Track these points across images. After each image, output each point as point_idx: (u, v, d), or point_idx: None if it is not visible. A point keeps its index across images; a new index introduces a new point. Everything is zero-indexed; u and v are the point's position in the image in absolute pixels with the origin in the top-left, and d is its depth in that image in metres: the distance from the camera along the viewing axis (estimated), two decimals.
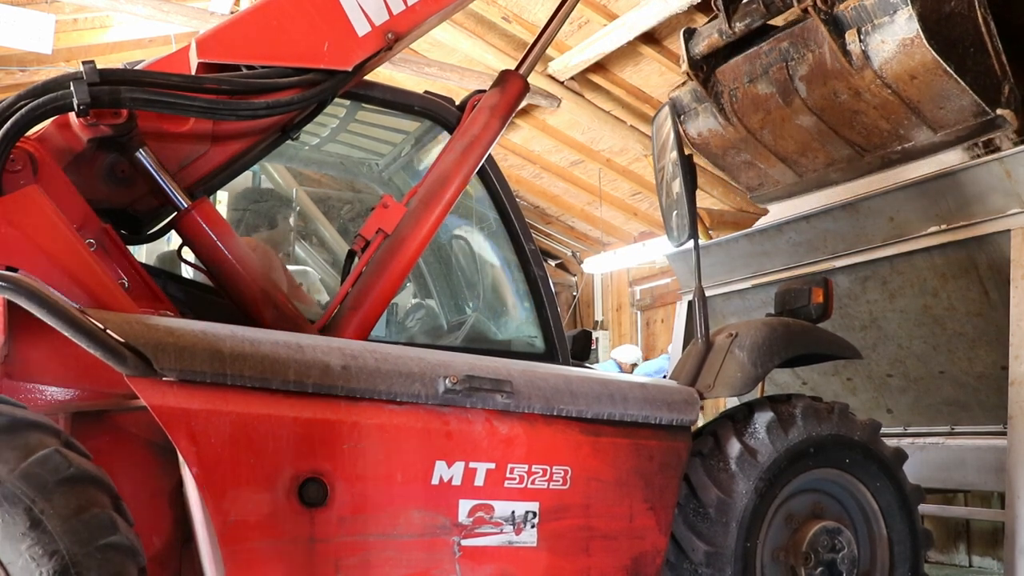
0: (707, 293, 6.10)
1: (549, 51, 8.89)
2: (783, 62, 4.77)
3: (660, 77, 8.79)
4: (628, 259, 11.64)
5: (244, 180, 4.34)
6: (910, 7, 4.14)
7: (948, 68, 4.15)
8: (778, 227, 5.46)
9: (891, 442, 5.29)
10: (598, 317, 14.15)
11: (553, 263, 14.54)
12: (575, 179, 11.67)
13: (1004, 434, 4.34)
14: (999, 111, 4.33)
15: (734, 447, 3.35)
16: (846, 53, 4.43)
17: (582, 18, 8.44)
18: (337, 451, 2.66)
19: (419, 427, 2.80)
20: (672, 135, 3.53)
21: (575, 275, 14.49)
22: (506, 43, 8.92)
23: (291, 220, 4.18)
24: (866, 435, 3.62)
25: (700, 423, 3.64)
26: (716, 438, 3.42)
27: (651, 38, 8.22)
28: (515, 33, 8.81)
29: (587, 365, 4.32)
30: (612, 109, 9.46)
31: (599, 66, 8.98)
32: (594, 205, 11.93)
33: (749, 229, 5.86)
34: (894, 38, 4.26)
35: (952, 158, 4.74)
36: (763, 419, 3.43)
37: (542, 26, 3.78)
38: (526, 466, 2.95)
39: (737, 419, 3.48)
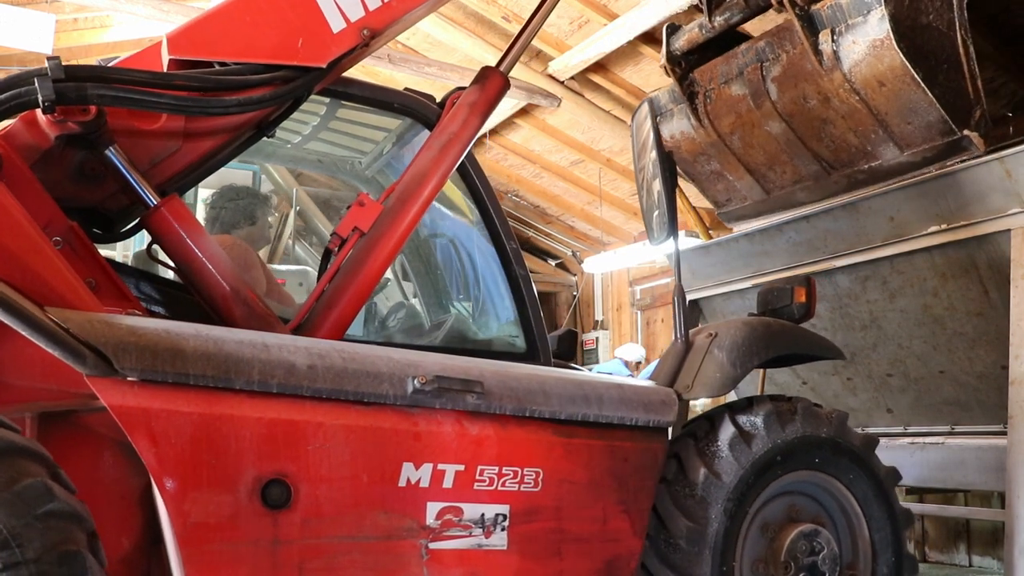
0: (707, 293, 6.16)
1: (549, 51, 8.92)
2: (758, 62, 4.69)
3: (660, 77, 8.69)
4: (628, 259, 11.61)
5: (234, 178, 4.33)
6: (883, 7, 4.06)
7: (916, 75, 4.05)
8: (778, 227, 5.42)
9: (891, 442, 5.33)
10: (598, 317, 14.13)
11: (553, 263, 14.55)
12: (575, 179, 11.67)
13: (1004, 434, 4.30)
14: (966, 132, 4.25)
15: (699, 471, 3.25)
16: (818, 53, 4.35)
17: (582, 18, 8.44)
18: (301, 452, 2.62)
19: (386, 428, 2.75)
20: (651, 134, 3.48)
21: (575, 275, 14.49)
22: (506, 43, 8.80)
23: (271, 218, 4.15)
24: (833, 429, 3.53)
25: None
26: (679, 461, 3.32)
27: (651, 38, 8.20)
28: (515, 33, 8.77)
29: (573, 365, 4.28)
30: (612, 109, 9.45)
31: (599, 66, 9.00)
32: (594, 205, 11.91)
33: (749, 229, 5.81)
34: (865, 39, 4.18)
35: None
36: (726, 435, 3.33)
37: (543, 25, 3.74)
38: (496, 468, 2.90)
39: (699, 437, 3.38)
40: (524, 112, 10.35)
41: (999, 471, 4.44)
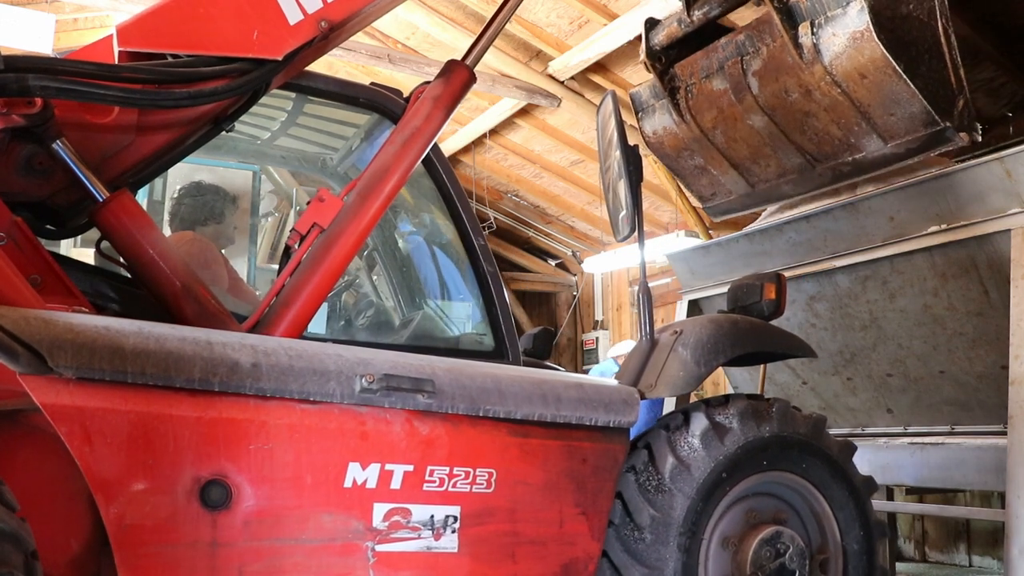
0: (707, 293, 6.14)
1: (549, 51, 8.86)
2: (738, 56, 4.64)
3: None
4: (628, 259, 11.53)
5: (233, 178, 4.28)
6: None
7: (897, 67, 3.98)
8: (778, 227, 5.40)
9: (891, 442, 5.26)
10: (598, 317, 14.04)
11: (553, 263, 14.48)
12: (575, 179, 11.60)
13: (1004, 434, 4.28)
14: (949, 125, 4.19)
15: (644, 514, 3.14)
16: (798, 46, 4.30)
17: (582, 18, 8.40)
18: (242, 452, 2.56)
19: (332, 427, 2.69)
20: (616, 130, 3.39)
21: (575, 275, 14.41)
22: (506, 42, 8.87)
23: (236, 215, 4.09)
24: (775, 425, 3.40)
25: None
26: (623, 502, 3.21)
27: None
28: (515, 32, 8.76)
29: (549, 364, 4.22)
30: None
31: (599, 66, 8.95)
32: (594, 205, 11.85)
33: (749, 229, 5.80)
34: (845, 31, 4.12)
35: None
36: (666, 466, 3.20)
37: (543, 25, 3.67)
38: (447, 468, 2.84)
39: (639, 471, 3.25)
40: (524, 112, 10.29)
41: (999, 471, 4.43)
